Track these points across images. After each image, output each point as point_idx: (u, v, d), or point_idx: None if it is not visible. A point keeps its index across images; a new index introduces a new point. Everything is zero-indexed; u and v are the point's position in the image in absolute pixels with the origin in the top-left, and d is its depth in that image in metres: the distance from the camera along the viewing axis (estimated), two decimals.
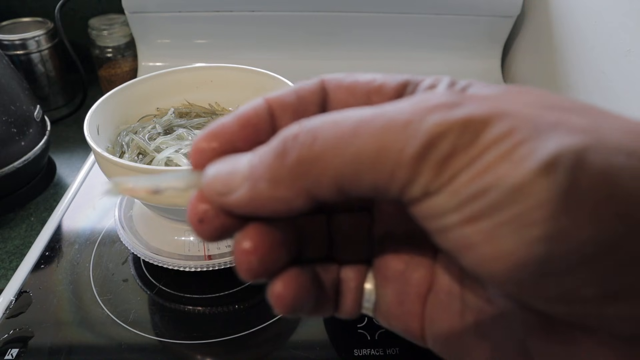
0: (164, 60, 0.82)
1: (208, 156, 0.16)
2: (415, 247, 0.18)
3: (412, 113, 0.13)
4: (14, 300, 0.45)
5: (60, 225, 0.54)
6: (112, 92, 0.46)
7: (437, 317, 0.17)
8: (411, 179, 0.13)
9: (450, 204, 0.12)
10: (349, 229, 0.19)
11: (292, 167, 0.14)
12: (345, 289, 0.18)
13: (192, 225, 0.16)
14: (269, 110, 0.16)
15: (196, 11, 0.77)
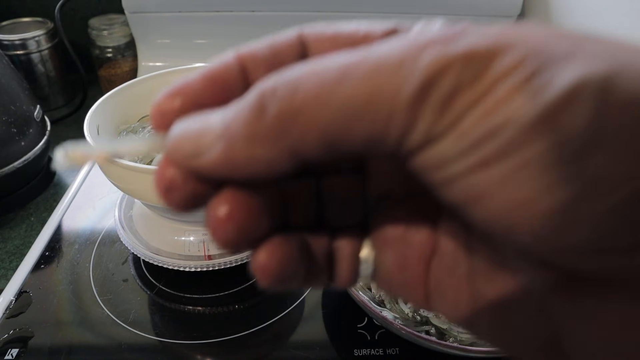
0: (164, 60, 0.82)
1: (171, 116, 0.14)
2: (415, 207, 0.16)
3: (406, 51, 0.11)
4: (14, 300, 0.45)
5: (60, 225, 0.54)
6: (112, 92, 0.46)
7: (443, 281, 0.16)
8: (410, 126, 0.11)
9: (457, 149, 0.11)
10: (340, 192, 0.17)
11: (273, 124, 0.12)
12: (340, 257, 0.17)
13: (160, 194, 0.14)
14: (239, 65, 0.15)
15: (196, 11, 0.77)
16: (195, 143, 0.13)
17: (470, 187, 0.11)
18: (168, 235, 0.45)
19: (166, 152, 0.14)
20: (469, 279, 0.15)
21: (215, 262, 0.44)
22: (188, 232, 0.45)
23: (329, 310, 0.44)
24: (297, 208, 0.16)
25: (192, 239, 0.45)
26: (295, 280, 0.15)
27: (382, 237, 0.17)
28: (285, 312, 0.44)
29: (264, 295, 0.46)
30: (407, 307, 0.38)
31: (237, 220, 0.13)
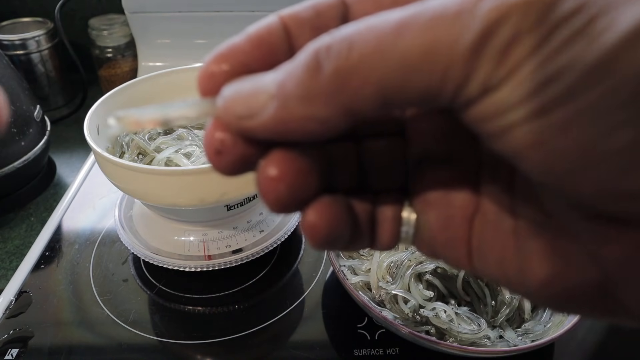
0: (164, 60, 0.82)
1: (220, 80, 0.14)
2: (456, 168, 0.16)
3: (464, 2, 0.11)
4: (14, 300, 0.45)
5: (60, 225, 0.54)
6: (112, 92, 0.46)
7: (486, 240, 0.15)
8: (467, 76, 0.11)
9: (516, 96, 0.11)
10: (380, 155, 0.17)
11: (329, 81, 0.12)
12: (382, 219, 0.17)
13: (209, 158, 0.14)
14: (284, 27, 0.14)
15: (196, 11, 0.77)
16: (247, 104, 0.13)
17: (529, 134, 0.11)
18: (168, 235, 0.45)
19: (217, 114, 0.14)
20: (513, 236, 0.15)
21: (215, 262, 0.44)
22: (188, 232, 0.45)
23: (329, 310, 0.44)
24: (340, 171, 0.16)
25: (192, 239, 0.45)
26: (341, 240, 0.15)
27: (423, 199, 0.17)
28: (285, 312, 0.44)
29: (264, 295, 0.46)
30: (407, 307, 0.38)
31: (288, 180, 0.14)
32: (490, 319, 0.39)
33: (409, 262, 0.40)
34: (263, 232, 0.46)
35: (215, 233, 0.45)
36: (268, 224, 0.47)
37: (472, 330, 0.37)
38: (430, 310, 0.38)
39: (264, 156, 0.14)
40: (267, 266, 0.49)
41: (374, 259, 0.41)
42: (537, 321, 0.39)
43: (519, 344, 0.36)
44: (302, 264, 0.49)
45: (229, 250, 0.45)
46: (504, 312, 0.38)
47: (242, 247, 0.45)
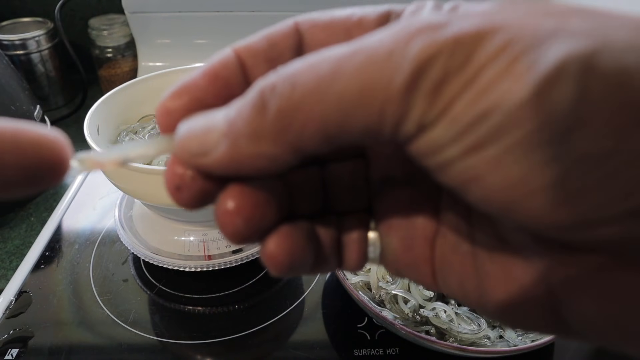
0: (164, 60, 0.82)
1: (176, 116, 0.14)
2: (417, 189, 0.17)
3: (395, 41, 0.11)
4: (14, 300, 0.45)
5: (60, 225, 0.54)
6: (112, 92, 0.46)
7: (448, 259, 0.16)
8: (403, 114, 0.11)
9: (449, 134, 0.11)
10: (343, 179, 0.17)
11: (274, 121, 0.12)
12: (347, 242, 0.17)
13: (170, 194, 0.15)
14: (238, 60, 0.15)
15: (196, 11, 0.77)
16: (201, 142, 0.13)
17: (464, 170, 0.12)
18: (168, 235, 0.45)
19: (174, 152, 0.14)
20: (472, 257, 0.15)
21: (215, 262, 0.44)
22: (188, 232, 0.45)
23: (329, 310, 0.44)
24: (302, 197, 0.17)
25: (192, 239, 0.45)
26: (304, 267, 0.16)
27: (386, 220, 0.17)
28: (285, 312, 0.44)
29: (264, 295, 0.46)
30: (407, 307, 0.38)
31: (245, 213, 0.14)
32: (490, 319, 0.39)
33: None
34: None
35: (215, 233, 0.45)
36: None
37: (472, 330, 0.37)
38: (430, 310, 0.38)
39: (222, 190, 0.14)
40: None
41: None
42: None
43: (519, 344, 0.36)
44: None
45: (229, 250, 0.45)
46: None
47: (242, 247, 0.45)
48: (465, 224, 0.16)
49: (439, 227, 0.16)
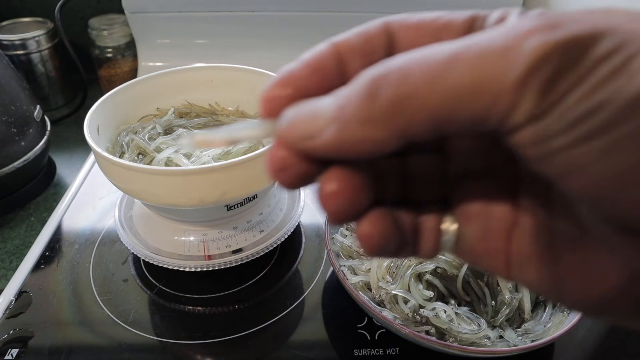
0: (164, 60, 0.82)
1: (281, 104, 0.16)
2: (496, 182, 0.17)
3: (509, 39, 0.12)
4: (14, 300, 0.45)
5: (60, 225, 0.54)
6: (112, 92, 0.46)
7: (526, 251, 0.17)
8: (514, 106, 0.12)
9: (560, 125, 0.12)
10: (423, 170, 0.19)
11: (385, 107, 0.13)
12: (424, 230, 0.18)
13: (272, 175, 0.16)
14: (336, 54, 0.16)
15: (196, 11, 0.77)
16: (308, 126, 0.14)
17: (571, 158, 0.12)
18: (168, 235, 0.45)
19: (280, 135, 0.15)
20: (550, 248, 0.16)
21: (215, 262, 0.44)
22: (188, 232, 0.45)
23: (329, 310, 0.44)
24: (387, 184, 0.18)
25: (192, 239, 0.45)
26: (390, 249, 0.17)
27: (463, 211, 0.18)
28: (285, 312, 0.44)
29: (264, 295, 0.46)
30: (407, 307, 0.38)
31: (346, 194, 0.15)
32: (490, 319, 0.39)
33: (408, 262, 0.40)
34: (263, 232, 0.46)
35: (215, 233, 0.45)
36: (268, 224, 0.47)
37: (472, 330, 0.37)
38: (430, 310, 0.38)
39: (323, 173, 0.15)
40: (267, 266, 0.49)
41: (374, 259, 0.41)
42: (537, 321, 0.39)
43: (519, 344, 0.36)
44: (302, 264, 0.49)
45: (229, 250, 0.45)
46: (504, 312, 0.38)
47: (242, 247, 0.45)
48: (545, 215, 0.16)
49: (517, 219, 0.17)
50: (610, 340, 0.42)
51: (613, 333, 0.43)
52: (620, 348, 0.42)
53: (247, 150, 0.43)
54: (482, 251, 0.18)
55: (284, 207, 0.50)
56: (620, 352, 0.42)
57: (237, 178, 0.38)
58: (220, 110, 0.53)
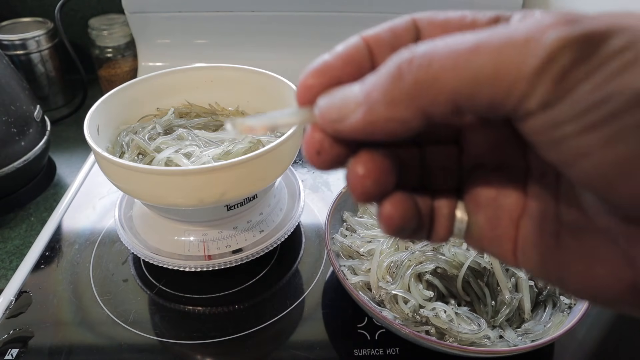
0: (164, 60, 0.82)
1: (315, 91, 0.17)
2: (506, 174, 0.19)
3: (531, 31, 0.13)
4: (14, 300, 0.45)
5: (60, 225, 0.54)
6: (112, 92, 0.46)
7: (532, 239, 0.18)
8: (529, 92, 0.13)
9: (570, 113, 0.13)
10: (440, 161, 0.20)
11: (410, 88, 0.14)
12: (438, 216, 0.19)
13: (309, 158, 0.17)
14: (367, 47, 0.17)
15: (196, 11, 0.77)
16: (340, 110, 0.16)
17: (578, 145, 0.13)
18: (168, 235, 0.45)
19: (315, 120, 0.17)
20: (556, 236, 0.17)
21: (215, 262, 0.44)
22: (188, 232, 0.45)
23: (329, 310, 0.44)
24: (406, 171, 0.19)
25: (192, 239, 0.45)
26: (408, 230, 0.18)
27: (475, 200, 0.19)
28: (285, 312, 0.44)
29: (264, 295, 0.46)
30: (407, 307, 0.38)
31: (373, 177, 0.17)
32: (490, 319, 0.39)
33: (409, 262, 0.40)
34: (263, 232, 0.46)
35: (215, 233, 0.45)
36: (268, 224, 0.47)
37: (472, 330, 0.37)
38: (430, 310, 0.38)
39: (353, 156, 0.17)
40: (267, 266, 0.49)
41: (374, 259, 0.41)
42: (537, 321, 0.39)
43: (519, 344, 0.36)
44: (302, 264, 0.49)
45: (229, 250, 0.45)
46: (504, 312, 0.38)
47: (242, 247, 0.45)
48: (553, 205, 0.17)
49: (525, 208, 0.18)
50: (610, 340, 0.42)
51: (613, 333, 0.43)
52: (620, 348, 0.42)
53: (247, 150, 0.43)
54: (490, 238, 0.19)
55: (284, 207, 0.50)
56: (620, 352, 0.42)
57: (237, 178, 0.38)
58: (220, 110, 0.53)
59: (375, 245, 0.42)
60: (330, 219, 0.45)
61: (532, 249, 0.18)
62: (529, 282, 0.40)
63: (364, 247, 0.44)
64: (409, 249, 0.41)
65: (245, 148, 0.43)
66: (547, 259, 0.17)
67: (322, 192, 0.60)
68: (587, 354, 0.41)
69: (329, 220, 0.45)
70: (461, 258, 0.39)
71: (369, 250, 0.43)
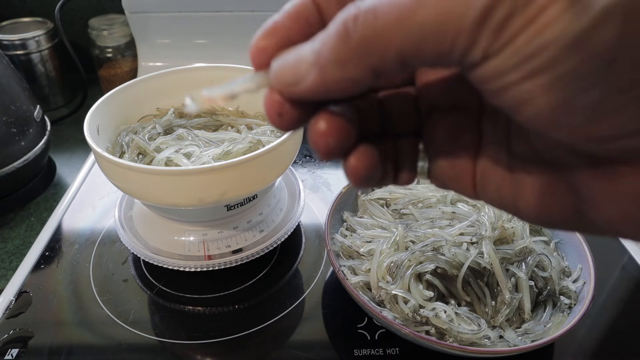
0: (164, 60, 0.82)
1: (269, 53, 0.17)
2: (461, 115, 0.20)
3: None
4: (14, 300, 0.45)
5: (60, 225, 0.54)
6: (112, 92, 0.46)
7: (488, 172, 0.19)
8: (471, 45, 0.14)
9: (510, 63, 0.13)
10: (397, 104, 0.21)
11: (357, 47, 0.14)
12: (402, 160, 0.20)
13: (272, 121, 0.17)
14: (314, 3, 0.17)
15: (196, 11, 0.77)
16: (293, 73, 0.16)
17: (520, 93, 0.14)
18: (168, 235, 0.45)
19: (270, 84, 0.17)
20: (509, 170, 0.19)
21: (215, 262, 0.44)
22: (188, 232, 0.45)
23: (329, 310, 0.44)
24: (367, 119, 0.20)
25: (192, 239, 0.45)
26: (374, 179, 0.19)
27: (433, 140, 0.20)
28: (285, 312, 0.44)
29: (264, 295, 0.46)
30: (407, 307, 0.38)
31: (334, 133, 0.17)
32: (490, 319, 0.39)
33: (409, 262, 0.40)
34: (263, 232, 0.46)
35: (215, 233, 0.45)
36: (268, 224, 0.47)
37: (472, 330, 0.37)
38: (430, 310, 0.38)
39: (314, 115, 0.17)
40: (267, 266, 0.49)
41: (374, 259, 0.41)
42: (537, 321, 0.39)
43: (519, 344, 0.36)
44: (302, 264, 0.49)
45: (229, 250, 0.45)
46: (504, 312, 0.38)
47: (242, 247, 0.45)
48: (505, 142, 0.19)
49: (480, 146, 0.20)
50: (610, 340, 0.42)
51: (613, 333, 0.43)
52: (620, 348, 0.42)
53: (247, 150, 0.43)
54: (451, 176, 0.20)
55: (284, 207, 0.50)
56: (620, 352, 0.42)
57: (237, 178, 0.38)
58: (220, 110, 0.53)
59: (375, 245, 0.42)
60: (330, 219, 0.45)
61: (489, 182, 0.19)
62: (529, 282, 0.40)
63: (364, 247, 0.44)
64: (409, 249, 0.41)
65: (245, 148, 0.43)
66: (503, 191, 0.19)
67: (322, 192, 0.60)
68: (587, 354, 0.41)
69: (329, 220, 0.45)
70: (461, 258, 0.39)
71: (369, 250, 0.43)
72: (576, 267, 0.43)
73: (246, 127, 0.50)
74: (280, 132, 0.47)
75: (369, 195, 0.50)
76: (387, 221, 0.46)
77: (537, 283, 0.41)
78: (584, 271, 0.42)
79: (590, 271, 0.41)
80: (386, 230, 0.45)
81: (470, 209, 0.45)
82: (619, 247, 0.52)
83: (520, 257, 0.41)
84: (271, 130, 0.47)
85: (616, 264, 0.50)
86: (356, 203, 0.50)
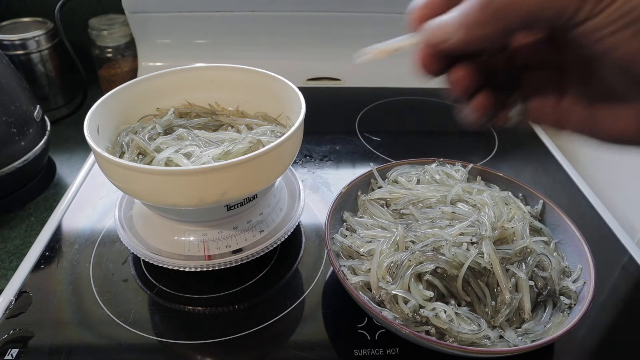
0: (164, 60, 0.82)
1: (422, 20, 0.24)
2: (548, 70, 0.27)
3: None
4: (14, 300, 0.45)
5: (60, 225, 0.54)
6: (112, 92, 0.46)
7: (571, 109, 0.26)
8: (579, 8, 0.20)
9: (609, 19, 0.19)
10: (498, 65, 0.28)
11: (496, 11, 0.21)
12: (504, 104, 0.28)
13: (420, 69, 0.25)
14: None
15: (196, 11, 0.77)
16: (444, 32, 0.23)
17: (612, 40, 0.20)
18: (168, 235, 0.45)
19: (425, 41, 0.24)
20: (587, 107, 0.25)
21: (215, 262, 0.44)
22: (188, 232, 0.45)
23: (329, 310, 0.44)
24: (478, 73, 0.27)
25: (192, 239, 0.45)
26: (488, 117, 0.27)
27: (527, 90, 0.28)
28: (285, 312, 0.44)
29: (264, 295, 0.46)
30: (407, 307, 0.38)
31: (468, 78, 0.26)
32: (490, 319, 0.39)
33: (408, 262, 0.40)
34: (263, 232, 0.47)
35: (215, 233, 0.45)
36: (268, 224, 0.47)
37: (472, 331, 0.37)
38: (430, 311, 0.38)
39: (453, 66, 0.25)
40: (267, 266, 0.49)
41: (374, 259, 0.41)
42: (537, 321, 0.39)
43: (519, 344, 0.36)
44: (302, 264, 0.49)
45: (229, 250, 0.45)
46: (504, 312, 0.38)
47: (242, 247, 0.45)
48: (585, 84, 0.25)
49: (564, 91, 0.26)
50: (610, 340, 0.42)
51: (613, 333, 0.43)
52: (620, 348, 0.42)
53: (247, 150, 0.43)
54: (540, 114, 0.27)
55: (284, 207, 0.50)
56: (620, 352, 0.42)
57: (237, 178, 0.38)
58: (220, 110, 0.53)
59: (375, 245, 0.42)
60: (330, 219, 0.45)
61: (572, 115, 0.26)
62: (529, 282, 0.40)
63: (364, 247, 0.44)
64: (409, 249, 0.41)
65: (245, 148, 0.43)
66: (583, 120, 0.26)
67: (322, 192, 0.60)
68: (587, 354, 0.41)
69: (329, 220, 0.45)
70: (461, 258, 0.39)
71: (369, 250, 0.43)
72: (576, 267, 0.43)
73: (246, 127, 0.50)
74: (281, 133, 0.47)
75: (369, 195, 0.50)
76: (387, 221, 0.46)
77: (537, 283, 0.41)
78: (584, 271, 0.42)
79: (590, 271, 0.41)
80: (386, 230, 0.45)
81: (470, 209, 0.45)
82: (619, 247, 0.52)
83: (520, 257, 0.41)
84: (271, 130, 0.47)
85: (616, 264, 0.50)
86: (356, 203, 0.50)
